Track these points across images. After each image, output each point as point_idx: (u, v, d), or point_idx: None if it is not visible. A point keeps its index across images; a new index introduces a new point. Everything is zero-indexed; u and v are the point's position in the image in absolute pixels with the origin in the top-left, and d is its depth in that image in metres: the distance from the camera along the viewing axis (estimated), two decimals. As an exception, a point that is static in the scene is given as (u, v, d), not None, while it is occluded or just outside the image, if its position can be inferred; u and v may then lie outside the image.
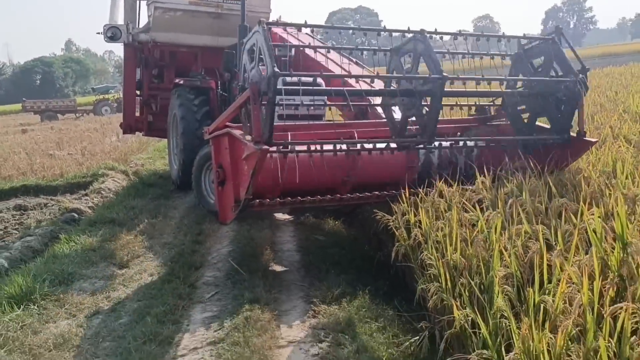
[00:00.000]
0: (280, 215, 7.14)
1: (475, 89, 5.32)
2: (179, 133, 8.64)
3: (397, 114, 5.29)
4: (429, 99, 4.88)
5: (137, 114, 11.13)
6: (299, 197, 4.70)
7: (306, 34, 11.55)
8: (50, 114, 34.61)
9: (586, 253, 3.08)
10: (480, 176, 4.63)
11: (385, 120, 5.46)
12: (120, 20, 10.28)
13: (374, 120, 5.85)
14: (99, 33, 10.00)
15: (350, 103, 5.40)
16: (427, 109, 4.82)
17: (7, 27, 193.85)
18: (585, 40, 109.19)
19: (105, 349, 3.85)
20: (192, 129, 8.41)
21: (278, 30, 9.77)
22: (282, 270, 5.31)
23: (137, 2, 10.18)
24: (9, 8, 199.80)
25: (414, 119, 5.05)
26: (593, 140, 5.35)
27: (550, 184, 4.34)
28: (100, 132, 19.07)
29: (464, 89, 5.45)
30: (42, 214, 8.07)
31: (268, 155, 4.28)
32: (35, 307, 4.45)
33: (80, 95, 71.82)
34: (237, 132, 4.67)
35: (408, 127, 5.10)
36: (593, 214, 3.38)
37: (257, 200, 4.57)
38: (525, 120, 5.73)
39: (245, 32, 7.80)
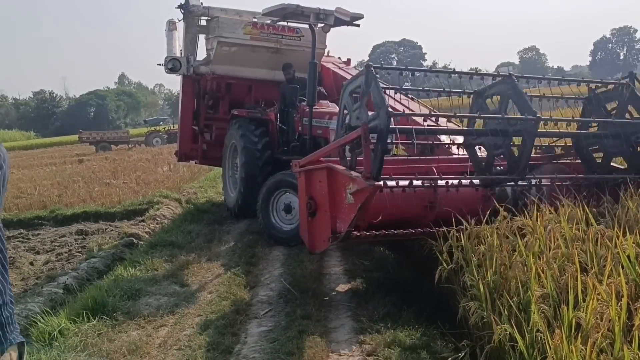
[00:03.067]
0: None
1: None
2: (241, 163, 8.99)
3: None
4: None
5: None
6: (393, 230, 4.93)
7: (354, 68, 12.00)
8: (105, 144, 35.92)
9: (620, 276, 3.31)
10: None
11: (454, 156, 5.90)
12: (176, 52, 10.70)
13: (450, 157, 6.23)
14: (159, 64, 10.39)
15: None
16: (521, 148, 5.10)
17: (64, 61, 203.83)
18: (636, 72, 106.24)
19: (172, 355, 4.24)
20: (253, 159, 8.79)
21: (329, 65, 10.24)
22: (331, 291, 5.63)
23: (197, 36, 10.61)
24: (67, 44, 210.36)
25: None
26: None
27: (588, 212, 4.56)
28: (152, 162, 19.82)
29: (556, 130, 5.74)
30: (102, 238, 8.61)
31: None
32: (108, 319, 4.91)
33: (131, 127, 74.36)
34: (341, 168, 4.93)
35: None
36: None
37: (355, 232, 4.78)
38: (599, 160, 5.91)
39: (315, 68, 8.24)
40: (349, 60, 11.64)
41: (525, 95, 5.16)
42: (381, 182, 4.56)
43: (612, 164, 5.93)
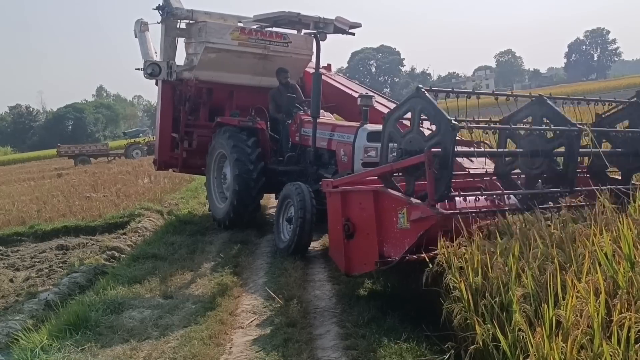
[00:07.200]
0: (310, 248, 7.47)
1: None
2: (233, 175, 8.71)
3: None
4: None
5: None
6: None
7: (342, 76, 12.06)
8: (84, 158, 35.53)
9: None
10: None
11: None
12: (152, 55, 10.39)
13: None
14: (137, 69, 10.07)
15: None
16: (565, 161, 5.09)
17: (41, 75, 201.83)
18: (610, 72, 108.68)
19: (158, 368, 4.22)
20: (246, 170, 8.58)
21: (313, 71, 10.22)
22: (315, 298, 5.63)
23: (176, 40, 10.26)
24: (43, 57, 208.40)
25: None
26: None
27: (566, 212, 4.63)
28: (132, 175, 19.58)
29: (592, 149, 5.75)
30: (83, 252, 8.50)
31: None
32: (92, 333, 4.86)
33: (110, 140, 73.71)
34: (394, 192, 4.81)
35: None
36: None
37: (407, 256, 4.68)
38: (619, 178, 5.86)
39: (319, 80, 8.12)
40: (329, 65, 11.63)
41: (561, 112, 5.17)
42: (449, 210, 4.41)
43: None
